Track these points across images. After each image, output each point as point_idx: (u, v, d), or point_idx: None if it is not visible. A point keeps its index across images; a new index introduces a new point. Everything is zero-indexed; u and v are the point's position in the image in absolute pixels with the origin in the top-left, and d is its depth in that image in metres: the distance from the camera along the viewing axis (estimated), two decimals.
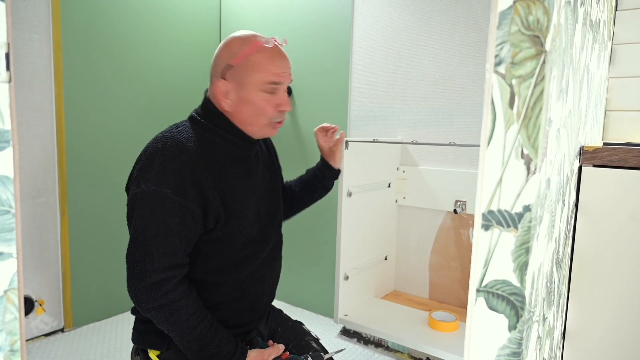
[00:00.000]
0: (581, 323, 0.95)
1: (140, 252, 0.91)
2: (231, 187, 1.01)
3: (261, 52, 0.99)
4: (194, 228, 0.95)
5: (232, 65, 0.99)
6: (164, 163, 0.93)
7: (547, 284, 0.65)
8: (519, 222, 0.46)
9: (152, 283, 0.91)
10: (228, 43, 1.01)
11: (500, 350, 0.47)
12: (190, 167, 0.94)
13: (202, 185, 0.95)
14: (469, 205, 1.86)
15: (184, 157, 0.94)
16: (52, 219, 1.97)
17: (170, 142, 0.96)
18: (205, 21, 2.55)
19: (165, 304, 0.92)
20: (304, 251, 2.35)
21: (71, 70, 1.98)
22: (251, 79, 0.99)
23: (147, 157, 0.95)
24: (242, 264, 1.06)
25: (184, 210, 0.92)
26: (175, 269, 0.93)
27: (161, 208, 0.91)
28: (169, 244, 0.92)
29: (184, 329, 0.93)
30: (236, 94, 1.00)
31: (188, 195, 0.92)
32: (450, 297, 2.00)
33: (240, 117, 1.02)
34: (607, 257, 0.91)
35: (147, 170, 0.93)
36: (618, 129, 1.58)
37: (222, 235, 1.00)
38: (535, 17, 0.44)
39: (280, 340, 1.18)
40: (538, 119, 0.45)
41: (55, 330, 2.02)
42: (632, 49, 1.54)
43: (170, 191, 0.91)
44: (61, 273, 2.01)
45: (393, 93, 2.04)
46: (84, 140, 2.06)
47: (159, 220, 0.91)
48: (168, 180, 0.91)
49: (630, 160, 0.88)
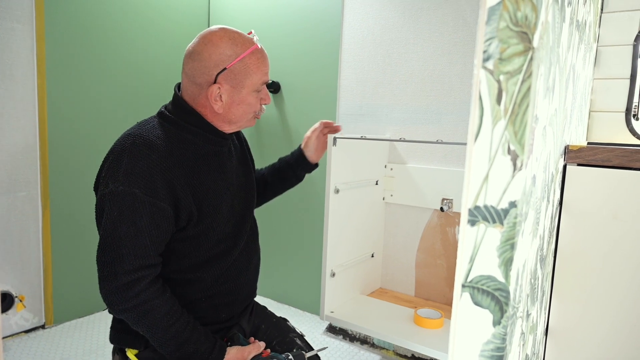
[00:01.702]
0: (564, 320, 0.96)
1: (110, 254, 0.89)
2: (204, 184, 0.99)
3: (254, 55, 0.99)
4: (165, 227, 0.93)
5: (226, 69, 0.97)
6: (133, 162, 0.90)
7: (531, 280, 0.66)
8: (504, 218, 0.46)
9: (122, 284, 0.88)
10: (216, 43, 0.97)
11: (485, 345, 0.47)
12: (160, 166, 0.92)
13: (173, 184, 0.93)
14: (455, 203, 1.87)
15: (154, 155, 0.92)
16: (34, 213, 1.93)
17: (138, 140, 0.93)
18: (193, 16, 2.52)
19: (137, 305, 0.90)
20: (291, 248, 2.35)
21: (54, 62, 1.95)
22: (248, 82, 0.99)
23: (115, 156, 0.93)
24: (217, 260, 1.04)
25: (155, 210, 0.90)
26: (146, 269, 0.91)
27: (130, 208, 0.88)
28: (140, 245, 0.89)
29: (158, 328, 0.92)
30: (229, 96, 0.99)
31: (159, 195, 0.90)
32: (436, 295, 2.02)
33: (229, 117, 1.01)
34: (590, 255, 0.93)
35: (115, 170, 0.91)
36: (602, 130, 1.60)
37: (195, 233, 0.99)
38: (524, 13, 0.44)
39: (263, 336, 1.17)
40: (525, 115, 0.45)
41: (35, 327, 1.98)
42: (616, 51, 1.56)
43: (140, 191, 0.89)
44: (42, 268, 1.97)
45: (382, 91, 2.05)
46: (66, 133, 2.02)
47: (128, 221, 0.88)
48: (137, 179, 0.89)
49: (613, 159, 0.89)
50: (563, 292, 0.96)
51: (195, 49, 0.98)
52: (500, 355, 0.47)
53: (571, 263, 0.94)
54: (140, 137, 0.93)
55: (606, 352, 0.92)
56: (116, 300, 0.89)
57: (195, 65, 0.98)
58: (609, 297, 0.91)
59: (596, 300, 0.93)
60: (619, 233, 0.89)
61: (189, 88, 1.00)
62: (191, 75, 0.99)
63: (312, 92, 2.23)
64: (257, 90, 1.01)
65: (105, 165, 0.94)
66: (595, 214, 0.91)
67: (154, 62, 2.34)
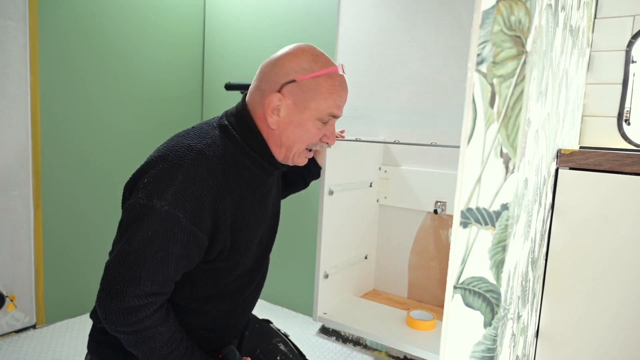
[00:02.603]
0: (554, 322, 0.97)
1: (127, 271, 0.80)
2: (245, 215, 0.91)
3: (332, 79, 0.91)
4: (194, 259, 0.85)
5: (296, 81, 0.88)
6: (187, 183, 0.81)
7: (522, 282, 0.66)
8: (496, 220, 0.47)
9: (129, 307, 0.80)
10: (296, 54, 0.91)
11: (476, 346, 0.48)
12: (214, 194, 0.83)
13: (218, 215, 0.85)
14: (449, 205, 1.88)
15: (211, 182, 0.83)
16: (26, 213, 1.92)
17: (200, 159, 0.84)
18: (189, 16, 2.52)
19: (139, 330, 0.82)
20: (284, 249, 2.35)
21: (48, 60, 1.93)
22: (314, 105, 0.90)
23: (169, 168, 0.83)
24: (229, 296, 0.97)
25: (191, 240, 0.82)
26: (157, 296, 0.83)
27: (167, 232, 0.80)
28: (162, 272, 0.81)
29: (156, 355, 0.85)
30: (288, 113, 0.90)
31: (201, 225, 0.82)
32: (428, 297, 2.02)
33: (281, 138, 0.92)
34: (581, 258, 0.93)
35: (166, 185, 0.81)
36: (594, 134, 1.62)
37: (220, 267, 0.92)
38: (517, 17, 0.45)
39: (247, 345, 1.13)
40: (517, 118, 0.46)
41: (26, 327, 1.97)
42: (609, 57, 1.58)
43: (184, 216, 0.80)
44: (34, 268, 1.96)
45: (377, 93, 2.05)
46: (60, 132, 2.01)
47: (160, 245, 0.80)
48: (185, 203, 0.80)
49: (604, 163, 0.90)
50: (554, 295, 0.96)
51: (276, 55, 0.93)
52: (491, 357, 0.48)
53: (562, 266, 0.95)
54: (203, 155, 0.85)
55: (596, 354, 0.93)
56: (117, 321, 0.81)
57: (268, 70, 0.92)
58: (600, 300, 0.92)
59: (587, 302, 0.93)
60: (610, 236, 0.90)
61: (255, 94, 0.93)
62: (260, 80, 0.92)
63: None
64: (321, 119, 0.92)
65: (153, 171, 0.84)
66: (586, 217, 0.92)
67: (148, 61, 2.33)
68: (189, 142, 0.87)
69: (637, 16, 1.53)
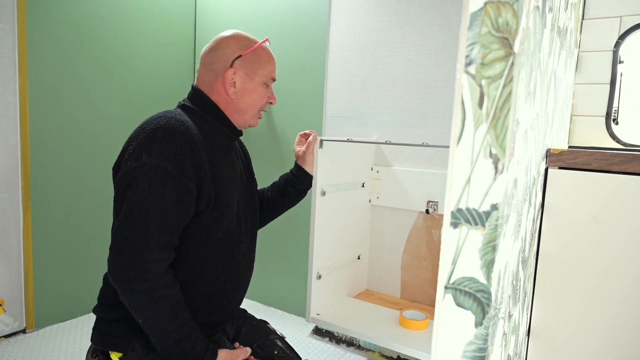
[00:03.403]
0: (545, 320, 0.98)
1: (135, 227, 0.89)
2: (221, 174, 1.03)
3: (265, 51, 1.11)
4: (189, 206, 0.95)
5: (242, 56, 1.06)
6: (167, 138, 0.94)
7: (513, 281, 0.67)
8: (486, 221, 0.47)
9: (144, 262, 0.88)
10: (234, 37, 1.08)
11: (467, 346, 0.48)
12: (190, 146, 0.96)
13: (199, 166, 0.96)
14: (440, 205, 1.89)
15: (187, 135, 0.96)
16: (15, 216, 1.90)
17: (172, 121, 0.97)
18: (180, 16, 2.50)
19: (151, 289, 0.89)
20: (277, 250, 2.34)
21: (37, 61, 1.92)
22: (260, 72, 1.09)
23: (149, 133, 0.95)
24: (221, 254, 1.06)
25: (182, 187, 0.93)
26: (168, 250, 0.93)
27: (161, 182, 0.91)
28: (166, 219, 0.91)
29: (164, 318, 0.90)
30: (242, 82, 1.07)
31: (187, 173, 0.94)
32: (421, 296, 2.03)
33: (239, 105, 1.08)
34: (571, 257, 0.94)
35: (150, 144, 0.93)
36: (583, 133, 1.63)
37: (209, 220, 1.01)
38: (505, 19, 0.45)
39: (244, 339, 1.17)
40: (506, 119, 0.46)
41: (16, 332, 1.94)
42: (597, 57, 1.60)
43: (172, 166, 0.92)
44: (23, 272, 1.94)
45: (368, 94, 2.06)
46: (49, 133, 1.99)
47: (158, 194, 0.90)
48: (170, 155, 0.92)
49: (593, 163, 0.91)
50: (545, 293, 0.97)
51: (213, 43, 1.09)
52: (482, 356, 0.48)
53: (553, 265, 0.96)
54: (173, 118, 0.98)
55: (587, 352, 0.94)
56: (134, 276, 0.88)
57: (213, 54, 1.07)
58: (590, 298, 0.93)
59: (577, 300, 0.94)
60: (599, 235, 0.91)
61: (206, 76, 1.08)
62: (209, 64, 1.08)
63: (299, 95, 2.24)
64: (264, 83, 1.10)
65: (135, 142, 0.95)
66: (576, 216, 0.93)
67: (139, 62, 2.31)
68: (160, 114, 1.00)
69: (624, 17, 1.55)
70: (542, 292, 0.97)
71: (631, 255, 0.88)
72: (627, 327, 0.90)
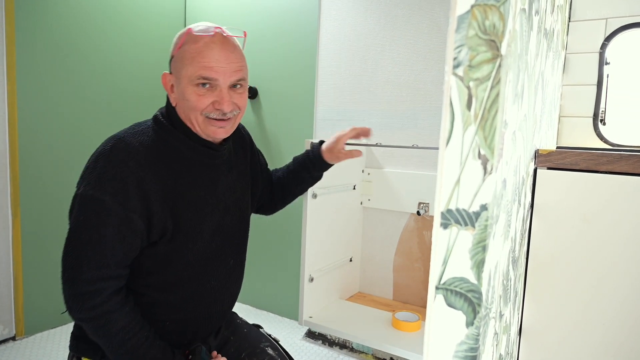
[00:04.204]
0: (537, 320, 0.98)
1: (70, 258, 0.86)
2: (185, 197, 0.93)
3: (194, 43, 0.89)
4: (133, 241, 0.87)
5: (173, 57, 0.93)
6: (107, 167, 0.86)
7: (503, 281, 0.68)
8: (476, 221, 0.47)
9: (81, 293, 0.85)
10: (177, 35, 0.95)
11: (458, 346, 0.48)
12: (136, 175, 0.86)
13: (147, 196, 0.87)
14: (431, 207, 1.90)
15: (131, 163, 0.86)
16: (3, 222, 1.87)
17: (119, 145, 0.88)
18: (169, 18, 2.50)
19: (94, 317, 0.85)
20: (269, 253, 2.34)
21: (25, 67, 1.90)
22: (183, 72, 0.90)
23: (94, 158, 0.89)
24: (189, 283, 0.97)
25: (122, 221, 0.85)
26: (106, 281, 0.86)
27: (96, 215, 0.84)
28: (100, 254, 0.85)
29: (114, 342, 0.87)
30: (176, 87, 0.93)
31: (130, 205, 0.85)
32: (413, 298, 2.04)
33: (182, 113, 0.93)
34: (561, 256, 0.95)
35: (90, 173, 0.87)
36: (571, 134, 1.65)
37: (166, 251, 0.93)
38: (492, 22, 0.46)
39: (232, 348, 1.11)
40: (494, 120, 0.47)
41: (5, 339, 1.92)
42: (584, 59, 1.62)
43: (110, 198, 0.84)
44: (12, 278, 1.91)
45: (358, 96, 2.06)
46: (38, 139, 1.97)
47: (92, 228, 0.84)
48: (108, 186, 0.84)
49: (581, 163, 0.92)
50: (535, 293, 0.98)
51: None
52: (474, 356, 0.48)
53: (543, 264, 0.97)
54: (122, 141, 0.89)
55: (579, 350, 0.95)
56: (74, 308, 0.86)
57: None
58: (580, 297, 0.94)
59: (568, 300, 0.95)
60: (588, 234, 0.92)
61: None
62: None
63: (289, 98, 2.24)
64: (194, 84, 0.89)
65: (86, 165, 0.91)
66: (565, 216, 0.94)
67: (128, 66, 2.30)
68: (116, 134, 0.92)
69: (609, 19, 1.57)
70: (533, 291, 0.98)
71: (620, 253, 0.89)
72: (618, 325, 0.91)
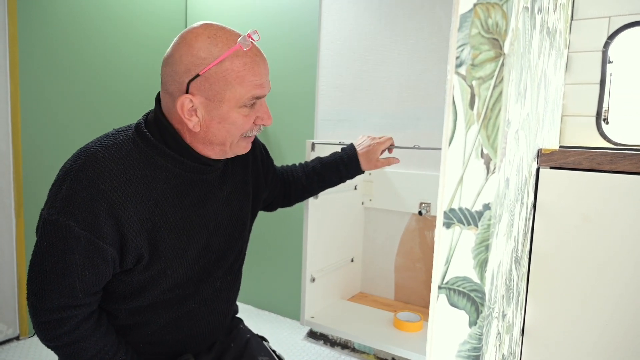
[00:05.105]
0: (539, 320, 0.98)
1: (33, 286, 0.77)
2: (168, 221, 0.82)
3: (239, 58, 0.77)
4: (103, 270, 0.78)
5: (200, 75, 0.77)
6: (74, 189, 0.74)
7: (506, 281, 0.67)
8: (479, 220, 0.47)
9: (45, 321, 0.77)
10: (190, 43, 0.77)
11: (461, 345, 0.48)
12: (108, 199, 0.75)
13: (120, 222, 0.76)
14: (433, 207, 1.90)
15: (102, 185, 0.75)
16: (7, 223, 1.88)
17: (89, 162, 0.76)
18: (170, 19, 2.50)
19: (61, 346, 0.79)
20: (270, 253, 2.34)
21: (28, 66, 1.90)
22: (229, 95, 0.78)
23: (61, 175, 0.78)
24: (167, 308, 0.89)
25: (91, 249, 0.75)
26: (74, 309, 0.78)
27: (62, 242, 0.74)
28: (66, 285, 0.76)
29: None
30: (207, 111, 0.79)
31: (99, 232, 0.75)
32: (415, 298, 2.04)
33: (209, 137, 0.82)
34: (563, 256, 0.95)
35: (55, 194, 0.76)
36: (574, 133, 1.65)
37: (139, 279, 0.83)
38: (495, 20, 0.46)
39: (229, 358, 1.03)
40: (497, 119, 0.46)
41: (10, 339, 1.92)
42: (586, 57, 1.61)
43: (77, 224, 0.73)
44: (16, 278, 1.92)
45: (359, 96, 2.06)
46: (41, 140, 1.97)
47: (56, 256, 0.74)
48: (76, 210, 0.73)
49: (584, 162, 0.92)
50: (538, 293, 0.98)
51: (169, 50, 0.80)
52: (477, 355, 0.48)
53: (546, 264, 0.96)
54: (94, 157, 0.77)
55: (581, 351, 0.94)
56: (40, 335, 0.79)
57: (166, 71, 0.80)
58: (583, 297, 0.94)
59: (571, 299, 0.95)
60: (590, 234, 0.92)
61: (164, 98, 0.83)
62: (164, 83, 0.82)
63: (290, 98, 2.24)
64: (243, 105, 0.80)
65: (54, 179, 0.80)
66: (567, 215, 0.94)
67: (131, 67, 2.31)
68: (89, 145, 0.81)
69: (612, 17, 1.56)
70: (536, 291, 0.98)
71: (623, 253, 0.89)
72: (621, 325, 0.90)
